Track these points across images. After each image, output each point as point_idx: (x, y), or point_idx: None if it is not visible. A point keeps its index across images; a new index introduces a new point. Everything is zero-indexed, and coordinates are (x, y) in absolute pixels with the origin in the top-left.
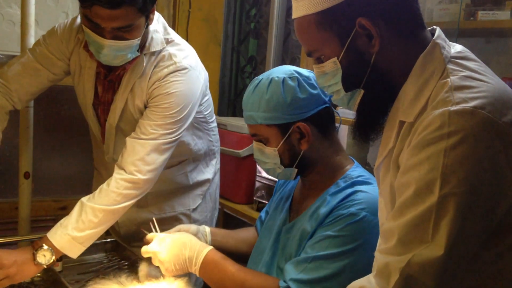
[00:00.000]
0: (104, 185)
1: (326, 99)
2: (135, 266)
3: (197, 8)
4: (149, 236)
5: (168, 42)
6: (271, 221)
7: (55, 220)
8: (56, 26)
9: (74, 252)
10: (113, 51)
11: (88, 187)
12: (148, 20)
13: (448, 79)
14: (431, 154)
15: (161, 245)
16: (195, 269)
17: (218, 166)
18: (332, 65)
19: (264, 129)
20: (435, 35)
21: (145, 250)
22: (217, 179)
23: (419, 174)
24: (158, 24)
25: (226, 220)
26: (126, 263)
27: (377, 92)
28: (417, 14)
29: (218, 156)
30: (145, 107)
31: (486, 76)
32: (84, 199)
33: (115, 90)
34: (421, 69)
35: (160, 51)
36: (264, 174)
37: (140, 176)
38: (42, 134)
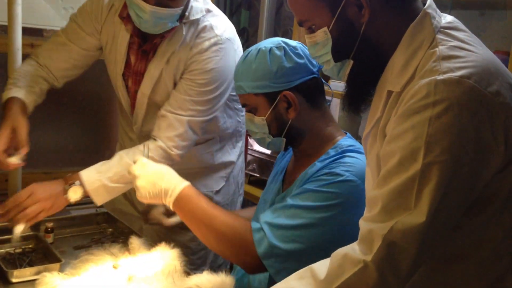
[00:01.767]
0: (141, 147)
1: (315, 69)
2: (126, 238)
3: None
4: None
5: (208, 11)
6: (267, 194)
7: None
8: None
9: (100, 198)
10: (154, 18)
11: (78, 159)
12: None
13: (437, 49)
14: (416, 123)
15: (141, 171)
16: (169, 201)
17: (243, 149)
18: (323, 34)
19: (253, 98)
20: (426, 4)
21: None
22: (241, 162)
23: (404, 143)
24: None
25: None
26: (118, 235)
27: (366, 62)
28: None
29: (243, 138)
30: (180, 77)
31: (475, 47)
32: (124, 153)
33: (148, 60)
34: (411, 39)
35: (200, 20)
36: (256, 147)
37: (176, 152)
38: None
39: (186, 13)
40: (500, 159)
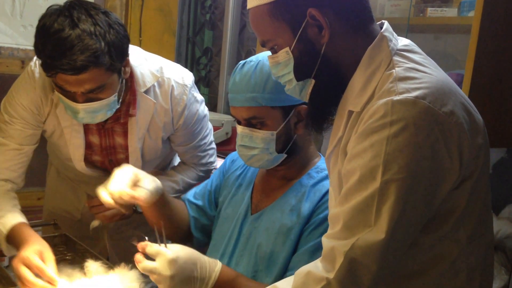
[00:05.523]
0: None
1: None
2: (84, 260)
3: None
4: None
5: (158, 66)
6: (230, 209)
7: None
8: (16, 98)
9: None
10: (89, 113)
11: (41, 180)
12: (123, 73)
13: (394, 70)
14: (375, 142)
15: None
16: None
17: None
18: (285, 54)
19: (266, 111)
20: (383, 28)
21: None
22: None
23: (363, 161)
24: (134, 56)
25: None
26: (74, 256)
27: (327, 82)
28: (366, 7)
29: None
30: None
31: (429, 68)
32: (173, 171)
33: (114, 131)
34: (369, 61)
35: (161, 80)
36: None
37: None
38: None
39: (141, 83)
40: (455, 176)
